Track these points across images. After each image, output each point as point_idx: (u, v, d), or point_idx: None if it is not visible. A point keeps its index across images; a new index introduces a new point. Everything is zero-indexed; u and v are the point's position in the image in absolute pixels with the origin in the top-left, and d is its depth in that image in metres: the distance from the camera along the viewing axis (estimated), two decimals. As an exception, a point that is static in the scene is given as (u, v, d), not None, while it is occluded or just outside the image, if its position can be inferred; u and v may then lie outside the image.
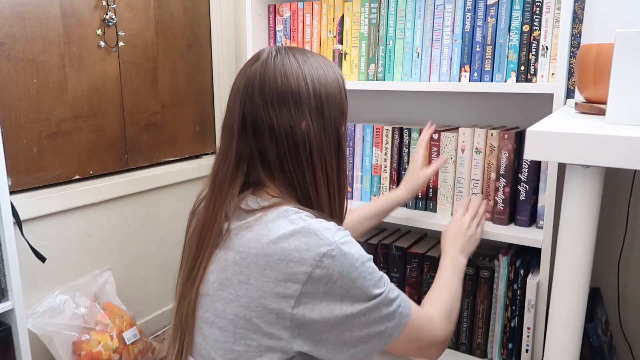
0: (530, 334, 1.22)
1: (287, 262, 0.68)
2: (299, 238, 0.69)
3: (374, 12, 1.40)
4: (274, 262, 0.68)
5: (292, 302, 0.68)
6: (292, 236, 0.69)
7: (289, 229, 0.70)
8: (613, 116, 0.70)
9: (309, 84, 0.76)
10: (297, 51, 0.79)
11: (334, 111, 0.79)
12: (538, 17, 1.19)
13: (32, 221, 1.42)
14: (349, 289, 0.69)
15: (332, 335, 0.70)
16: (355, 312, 0.70)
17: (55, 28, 1.45)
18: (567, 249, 0.69)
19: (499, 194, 1.27)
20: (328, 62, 0.81)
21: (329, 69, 0.80)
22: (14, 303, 1.22)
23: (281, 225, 0.70)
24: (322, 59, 0.81)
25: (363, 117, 1.70)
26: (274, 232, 0.70)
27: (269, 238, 0.69)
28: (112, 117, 1.64)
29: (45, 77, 1.44)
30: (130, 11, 1.65)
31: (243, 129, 0.76)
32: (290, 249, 0.68)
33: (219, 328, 0.72)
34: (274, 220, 0.71)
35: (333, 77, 0.80)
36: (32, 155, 1.44)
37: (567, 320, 0.71)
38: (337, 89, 0.80)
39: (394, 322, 0.73)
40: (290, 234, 0.69)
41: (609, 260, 1.37)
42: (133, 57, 1.67)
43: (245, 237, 0.72)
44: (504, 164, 1.25)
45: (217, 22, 1.97)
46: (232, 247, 0.73)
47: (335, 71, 0.81)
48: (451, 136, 1.32)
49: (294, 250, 0.68)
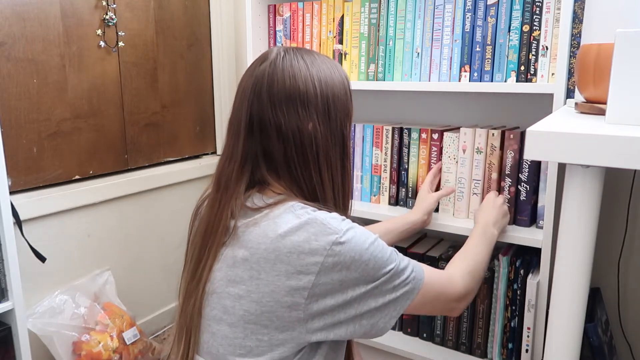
0: (530, 334, 1.22)
1: (297, 255, 0.69)
2: (307, 229, 0.70)
3: (374, 12, 1.40)
4: (284, 255, 0.69)
5: (305, 294, 0.69)
6: (300, 229, 0.70)
7: (296, 222, 0.71)
8: (613, 116, 0.70)
9: (317, 86, 0.77)
10: (305, 52, 0.80)
11: (340, 113, 0.80)
12: (538, 17, 1.19)
13: (32, 221, 1.42)
14: (363, 271, 0.71)
15: (348, 314, 0.72)
16: (370, 288, 0.72)
17: (55, 28, 1.45)
18: (567, 249, 0.69)
19: (504, 194, 1.27)
20: (334, 64, 0.82)
21: (336, 71, 0.81)
22: (14, 303, 1.22)
23: (288, 220, 0.71)
24: (328, 60, 0.82)
25: (363, 117, 1.70)
26: (282, 226, 0.71)
27: (278, 232, 0.70)
28: (112, 117, 1.64)
29: (45, 77, 1.44)
30: (130, 11, 1.65)
31: (249, 128, 0.77)
32: (299, 241, 0.69)
33: (228, 325, 0.73)
34: (281, 215, 0.72)
35: (339, 79, 0.81)
36: (32, 155, 1.43)
37: (567, 320, 0.71)
38: (342, 90, 0.81)
39: (408, 287, 0.75)
40: (298, 226, 0.70)
41: (609, 260, 1.37)
42: (133, 57, 1.67)
43: (254, 233, 0.73)
44: (509, 164, 1.25)
45: (217, 22, 1.97)
46: (241, 244, 0.74)
47: (341, 73, 0.82)
48: (454, 136, 1.32)
49: (304, 241, 0.69)
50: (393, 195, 1.46)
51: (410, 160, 1.41)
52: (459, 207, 1.33)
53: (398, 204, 1.46)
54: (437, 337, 1.40)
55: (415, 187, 1.42)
